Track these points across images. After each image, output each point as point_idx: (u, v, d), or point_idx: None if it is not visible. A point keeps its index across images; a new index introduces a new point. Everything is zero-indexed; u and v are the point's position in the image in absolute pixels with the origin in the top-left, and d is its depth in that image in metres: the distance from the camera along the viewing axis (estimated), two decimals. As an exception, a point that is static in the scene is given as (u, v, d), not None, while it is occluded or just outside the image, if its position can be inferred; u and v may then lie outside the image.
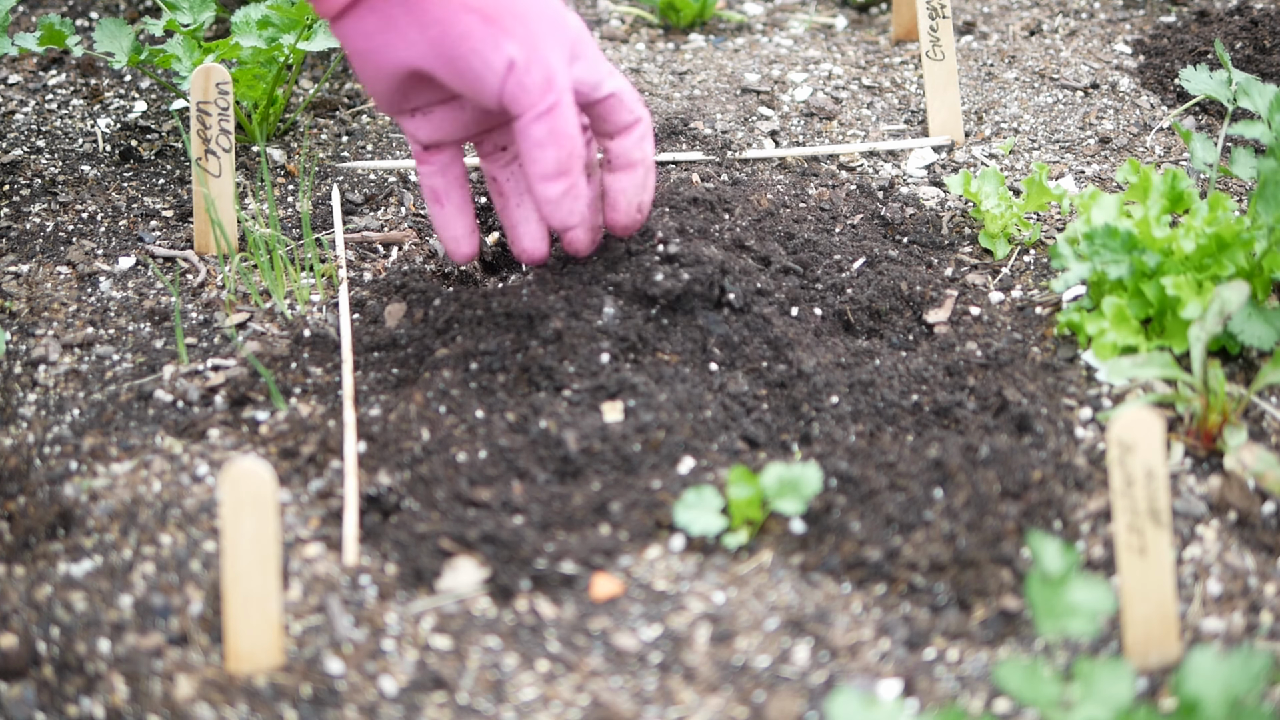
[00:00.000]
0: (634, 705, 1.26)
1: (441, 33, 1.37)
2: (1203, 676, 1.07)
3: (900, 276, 1.71)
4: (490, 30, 1.37)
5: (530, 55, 1.38)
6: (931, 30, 2.02)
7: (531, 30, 1.39)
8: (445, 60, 1.39)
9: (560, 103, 1.40)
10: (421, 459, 1.45)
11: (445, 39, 1.37)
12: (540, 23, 1.39)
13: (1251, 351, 1.62)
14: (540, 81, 1.39)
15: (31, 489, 1.46)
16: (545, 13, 1.41)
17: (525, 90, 1.39)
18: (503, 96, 1.40)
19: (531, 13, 1.39)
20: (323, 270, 1.78)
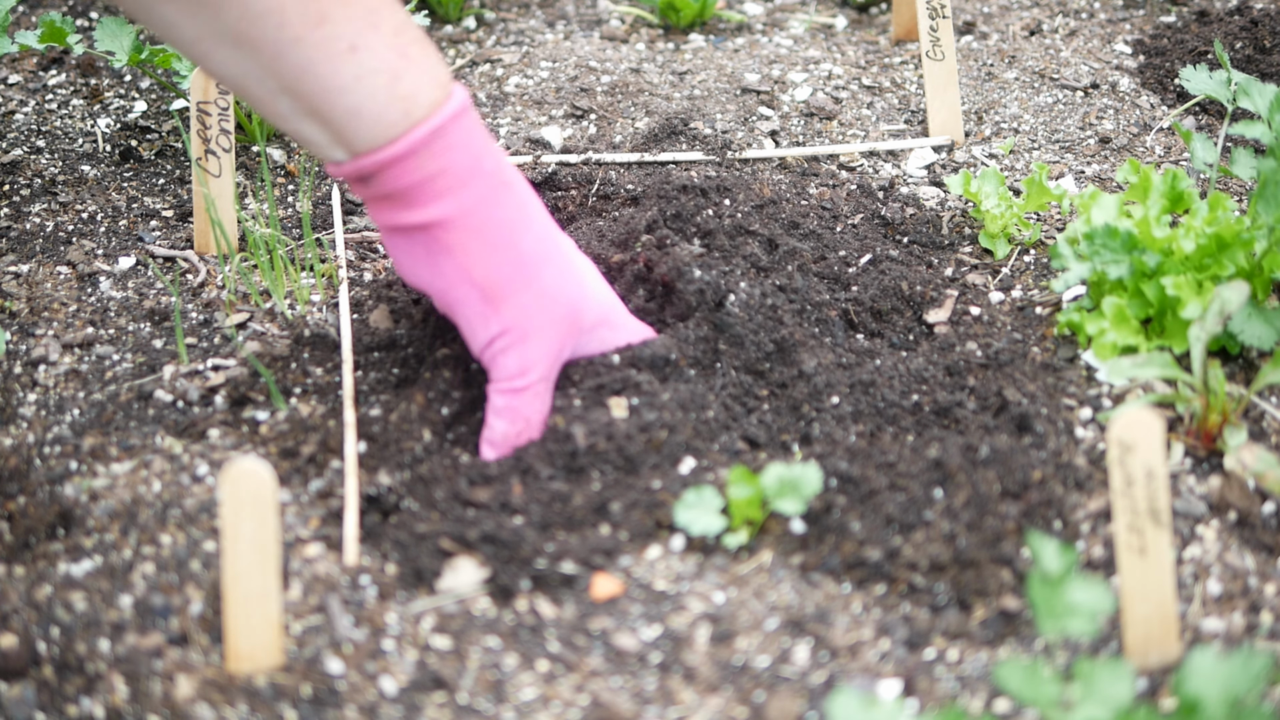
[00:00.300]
0: (634, 705, 1.26)
1: (447, 287, 1.45)
2: (1203, 676, 1.07)
3: (901, 276, 1.71)
4: (484, 308, 1.45)
5: (514, 340, 1.45)
6: (931, 30, 2.02)
7: (528, 320, 1.45)
8: (444, 304, 1.47)
9: (528, 387, 1.46)
10: (421, 459, 1.45)
11: (447, 295, 1.45)
12: (539, 315, 1.46)
13: (1251, 351, 1.62)
14: (515, 366, 1.46)
15: (31, 489, 1.46)
16: (549, 305, 1.46)
17: (498, 366, 1.46)
18: (481, 360, 1.48)
19: (535, 305, 1.45)
20: (323, 270, 1.78)
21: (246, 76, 1.36)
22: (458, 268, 1.43)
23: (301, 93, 1.35)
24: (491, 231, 1.43)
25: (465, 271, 1.43)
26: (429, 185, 1.40)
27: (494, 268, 1.43)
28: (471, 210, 1.42)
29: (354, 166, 1.40)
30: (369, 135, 1.38)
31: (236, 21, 1.31)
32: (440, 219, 1.41)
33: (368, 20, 1.35)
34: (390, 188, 1.41)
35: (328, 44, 1.33)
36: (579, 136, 2.10)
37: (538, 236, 1.46)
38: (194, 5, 1.31)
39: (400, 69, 1.36)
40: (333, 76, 1.34)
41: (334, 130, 1.38)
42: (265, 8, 1.31)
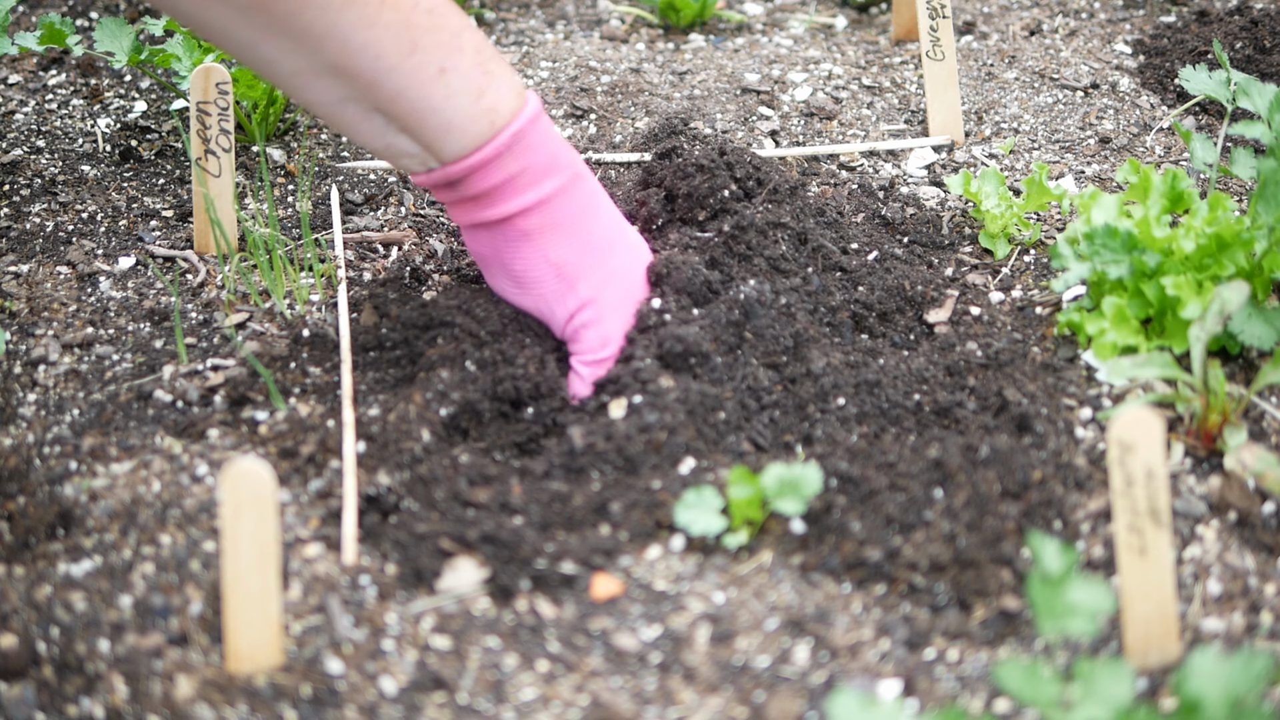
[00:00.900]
0: (634, 705, 1.26)
1: (524, 270, 1.58)
2: (1204, 677, 1.07)
3: (903, 276, 1.71)
4: (561, 285, 1.58)
5: (594, 314, 1.58)
6: (931, 30, 2.02)
7: (603, 296, 1.58)
8: (524, 292, 1.60)
9: (609, 359, 1.58)
10: (421, 459, 1.45)
11: (525, 277, 1.58)
12: (614, 291, 1.59)
13: (1251, 351, 1.62)
14: (596, 339, 1.58)
15: (31, 489, 1.46)
16: (623, 284, 1.60)
17: (579, 339, 1.59)
18: (565, 335, 1.61)
19: (608, 280, 1.59)
20: (322, 270, 1.78)
21: (344, 103, 1.48)
22: (535, 250, 1.56)
23: (395, 114, 1.48)
24: (566, 217, 1.56)
25: (543, 254, 1.56)
26: (511, 184, 1.53)
27: (568, 248, 1.56)
28: (548, 201, 1.55)
29: (443, 174, 1.53)
30: (458, 146, 1.51)
31: (335, 55, 1.44)
32: (521, 209, 1.54)
33: (453, 44, 1.48)
34: (477, 190, 1.54)
35: (419, 70, 1.46)
36: (579, 136, 2.10)
37: (606, 223, 1.59)
38: (295, 42, 1.42)
39: (484, 85, 1.50)
40: (425, 99, 1.47)
41: (425, 143, 1.51)
42: (363, 41, 1.43)
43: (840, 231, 1.77)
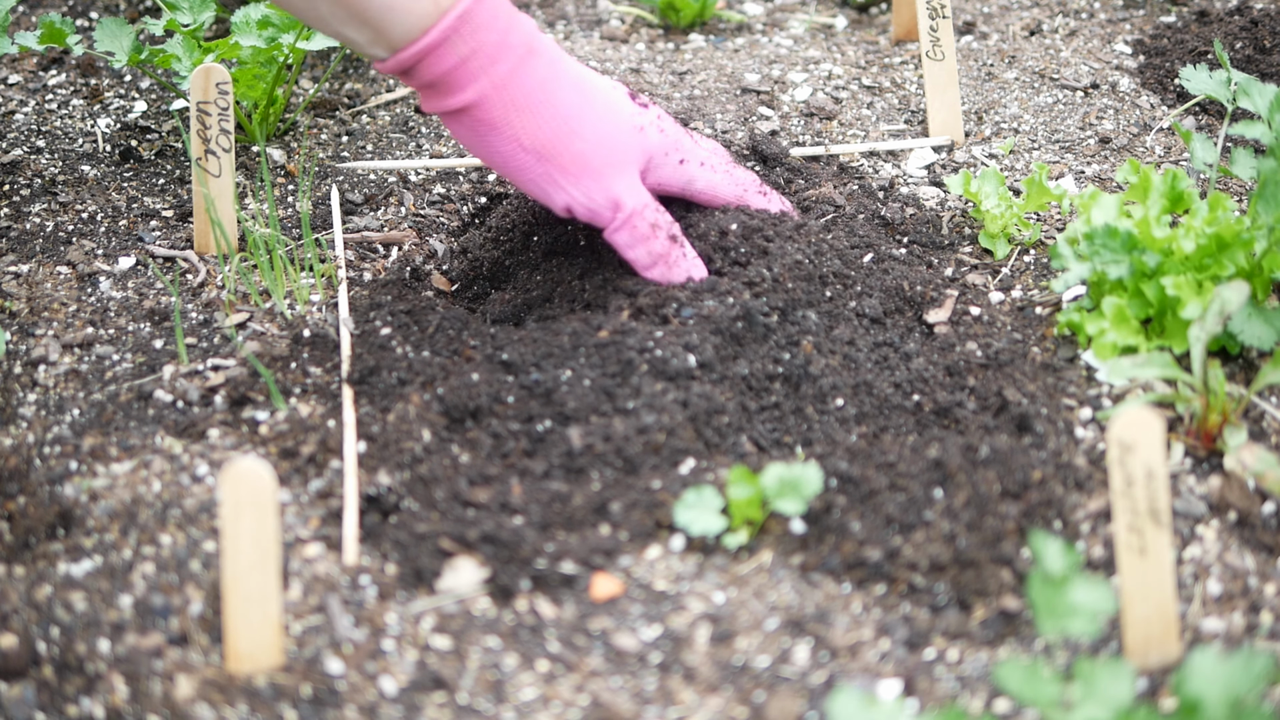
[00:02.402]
0: (634, 705, 1.26)
1: (504, 162, 1.56)
2: (1204, 677, 1.07)
3: (902, 276, 1.71)
4: (546, 168, 1.55)
5: (589, 186, 1.56)
6: (931, 30, 2.02)
7: (590, 165, 1.55)
8: (512, 180, 1.58)
9: (631, 215, 1.57)
10: (421, 459, 1.45)
11: (508, 168, 1.56)
12: (599, 155, 1.56)
13: (1251, 351, 1.62)
14: (605, 204, 1.57)
15: (31, 489, 1.46)
16: (606, 144, 1.57)
17: (594, 213, 1.57)
18: (574, 217, 1.59)
19: (590, 149, 1.55)
20: (322, 270, 1.78)
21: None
22: (506, 140, 1.54)
23: None
24: (525, 98, 1.53)
25: (515, 141, 1.54)
26: (462, 68, 1.51)
27: (538, 128, 1.53)
28: (504, 84, 1.52)
29: (395, 61, 1.51)
30: (404, 30, 1.49)
31: None
32: (477, 99, 1.52)
33: None
34: (430, 76, 1.52)
35: None
36: (579, 136, 2.10)
37: (571, 87, 1.55)
38: None
39: None
40: None
41: (373, 29, 1.50)
42: None
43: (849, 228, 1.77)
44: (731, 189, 1.68)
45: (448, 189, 1.97)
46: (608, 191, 1.56)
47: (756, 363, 1.55)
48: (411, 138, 2.11)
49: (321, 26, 1.53)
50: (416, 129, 2.13)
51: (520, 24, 1.53)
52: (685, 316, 1.56)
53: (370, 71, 2.30)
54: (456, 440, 1.49)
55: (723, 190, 1.67)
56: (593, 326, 1.55)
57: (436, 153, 2.07)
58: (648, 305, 1.58)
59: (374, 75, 2.29)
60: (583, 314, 1.61)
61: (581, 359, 1.52)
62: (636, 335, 1.53)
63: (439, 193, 1.96)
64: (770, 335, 1.57)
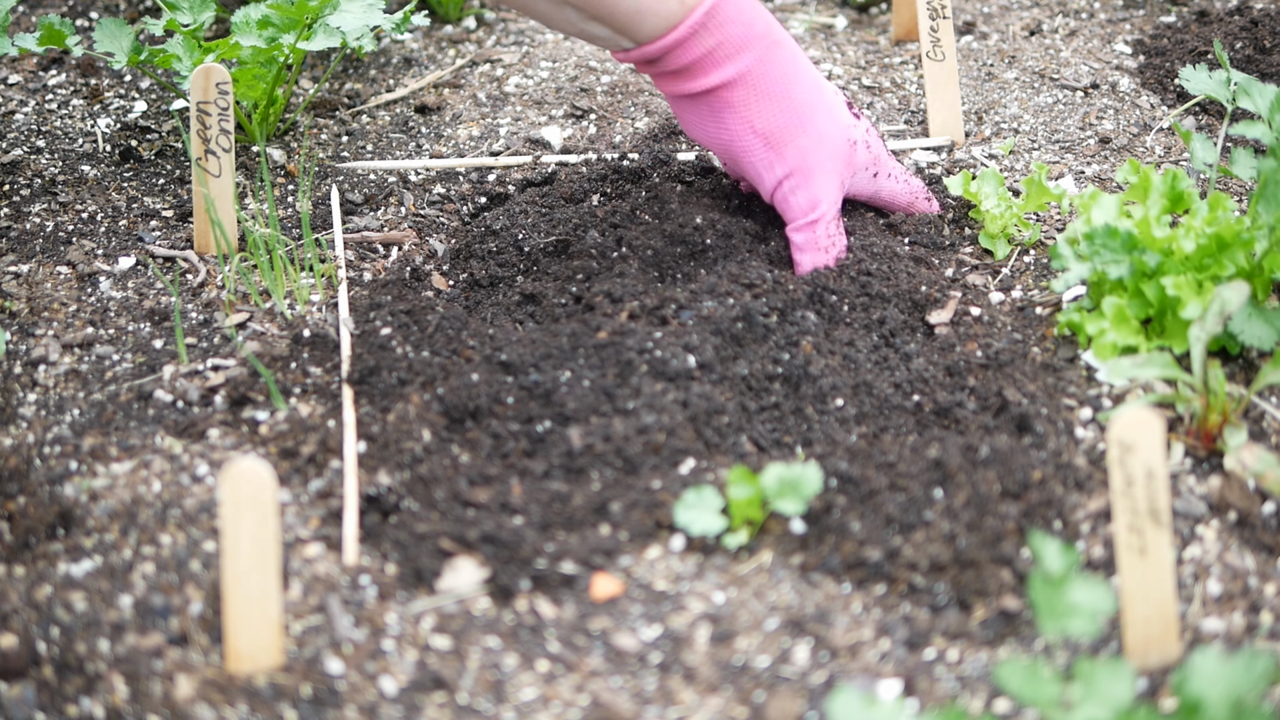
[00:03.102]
0: (634, 705, 1.26)
1: (730, 139, 1.65)
2: (1205, 677, 1.07)
3: (904, 276, 1.71)
4: (769, 153, 1.64)
5: (800, 180, 1.65)
6: (932, 30, 2.02)
7: (808, 159, 1.65)
8: (730, 157, 1.67)
9: (820, 219, 1.66)
10: (421, 459, 1.45)
11: (732, 146, 1.65)
12: (818, 153, 1.66)
13: (1251, 351, 1.62)
14: (805, 203, 1.66)
15: (31, 489, 1.46)
16: (826, 145, 1.66)
17: (790, 206, 1.67)
18: (773, 202, 1.68)
19: (812, 145, 1.65)
20: (322, 270, 1.78)
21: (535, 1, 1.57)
22: (740, 120, 1.63)
23: (589, 5, 1.55)
24: (767, 85, 1.62)
25: (748, 123, 1.63)
26: (709, 58, 1.59)
27: (772, 116, 1.63)
28: (749, 71, 1.61)
29: (640, 53, 1.60)
30: (651, 27, 1.57)
31: None
32: (722, 83, 1.61)
33: None
34: (675, 65, 1.60)
35: None
36: (579, 136, 2.10)
37: (808, 86, 1.65)
38: None
39: None
40: None
41: (618, 27, 1.57)
42: None
43: None
44: (906, 196, 1.80)
45: (448, 189, 1.97)
46: (812, 190, 1.65)
47: (756, 363, 1.55)
48: (411, 138, 2.11)
49: (564, 28, 1.60)
50: (416, 129, 2.13)
51: (761, 14, 1.62)
52: (684, 319, 1.56)
53: (370, 71, 2.30)
54: (456, 440, 1.49)
55: (900, 198, 1.80)
56: (591, 327, 1.55)
57: (436, 153, 2.07)
58: (648, 306, 1.58)
59: (374, 75, 2.29)
60: (582, 315, 1.61)
61: (580, 360, 1.52)
62: (636, 336, 1.53)
63: (439, 193, 1.96)
64: (770, 336, 1.57)
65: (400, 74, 2.29)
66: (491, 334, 1.61)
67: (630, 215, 1.74)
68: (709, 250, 1.69)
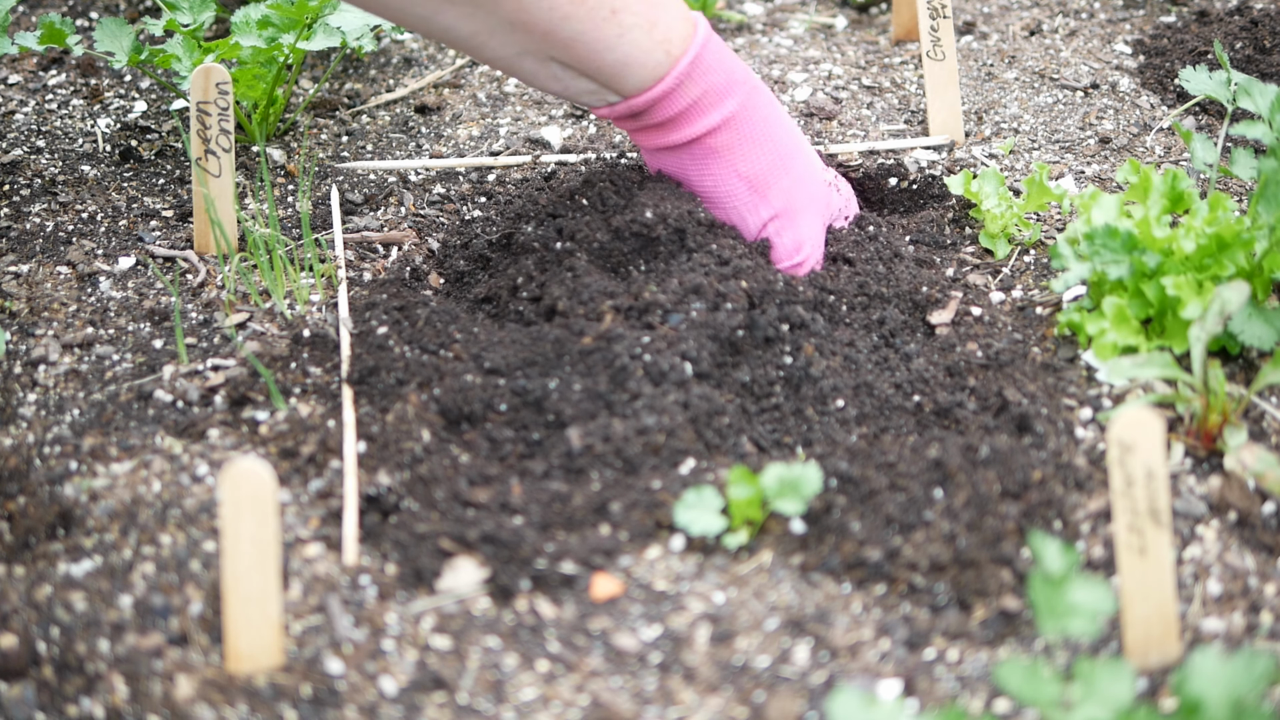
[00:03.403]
0: (634, 705, 1.26)
1: (714, 186, 1.64)
2: (1205, 677, 1.07)
3: (904, 276, 1.71)
4: (753, 197, 1.64)
5: (785, 222, 1.66)
6: (932, 30, 2.02)
7: (791, 202, 1.66)
8: (711, 204, 1.66)
9: (805, 261, 1.67)
10: (421, 459, 1.45)
11: (715, 192, 1.65)
12: (801, 195, 1.66)
13: (1251, 351, 1.62)
14: (790, 244, 1.66)
15: (31, 489, 1.46)
16: (807, 189, 1.67)
17: (774, 248, 1.66)
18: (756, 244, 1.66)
19: (795, 187, 1.66)
20: (322, 270, 1.78)
21: (521, 57, 1.56)
22: (725, 166, 1.63)
23: (572, 58, 1.55)
24: (750, 130, 1.63)
25: (732, 168, 1.63)
26: (695, 107, 1.60)
27: (756, 160, 1.63)
28: (733, 117, 1.61)
29: (626, 107, 1.60)
30: (637, 80, 1.57)
31: (511, 12, 1.51)
32: (708, 130, 1.61)
33: None
34: (660, 118, 1.60)
35: (592, 14, 1.53)
36: (579, 136, 2.10)
37: (787, 129, 1.66)
38: (472, 6, 1.50)
39: (655, 17, 1.56)
40: (600, 41, 1.54)
41: (603, 81, 1.57)
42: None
43: None
44: None
45: (448, 189, 1.97)
46: (797, 232, 1.66)
47: (759, 369, 1.55)
48: (411, 138, 2.11)
49: (549, 84, 1.59)
50: (416, 129, 2.13)
51: (737, 60, 1.63)
52: (674, 322, 1.55)
53: (370, 71, 2.30)
54: (456, 440, 1.49)
55: None
56: (574, 332, 1.54)
57: (436, 153, 2.07)
58: (631, 307, 1.57)
59: (374, 75, 2.29)
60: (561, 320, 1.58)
61: (567, 367, 1.52)
62: (624, 341, 1.52)
63: (439, 193, 1.96)
64: (773, 343, 1.57)
65: (400, 74, 2.29)
66: (475, 332, 1.60)
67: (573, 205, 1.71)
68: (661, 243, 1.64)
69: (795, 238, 1.66)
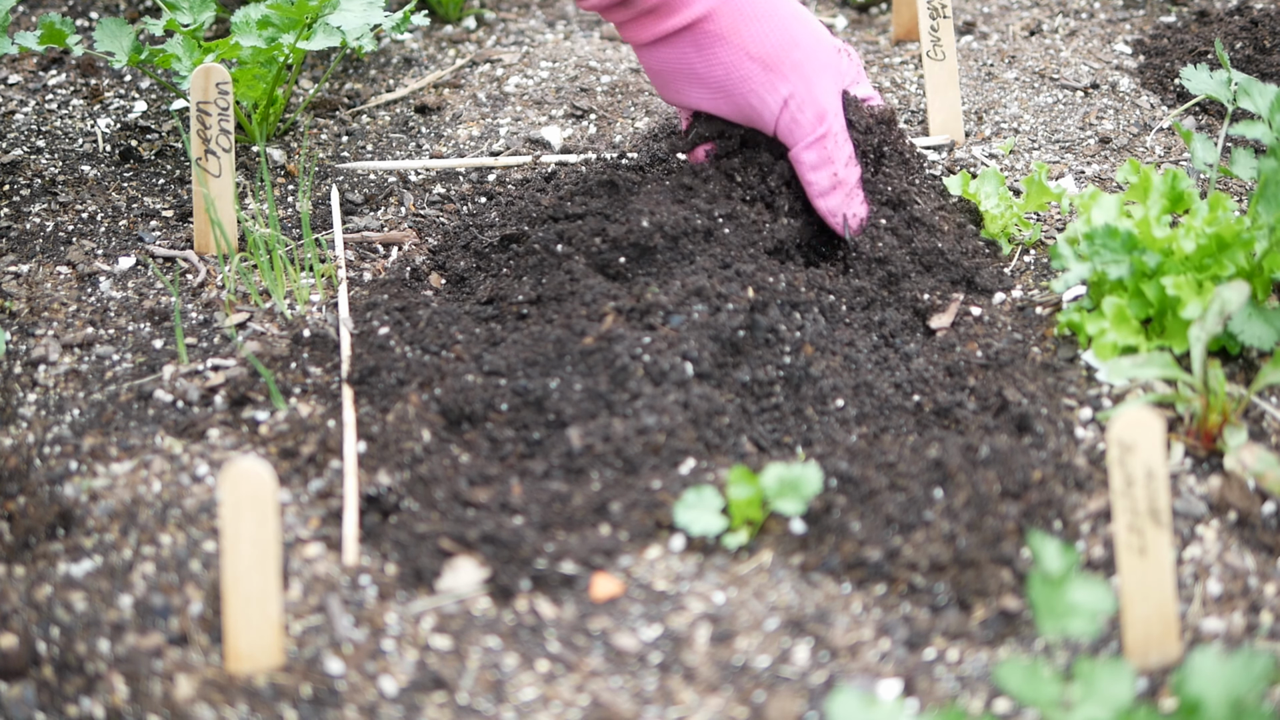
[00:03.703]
0: (634, 705, 1.26)
1: (725, 74, 1.58)
2: (1205, 677, 1.07)
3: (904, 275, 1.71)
4: (769, 76, 1.58)
5: (804, 96, 1.60)
6: (932, 30, 2.02)
7: (805, 74, 1.60)
8: (726, 97, 1.60)
9: (829, 132, 1.61)
10: (421, 459, 1.45)
11: (729, 80, 1.58)
12: (813, 65, 1.60)
13: (1251, 351, 1.62)
14: (812, 117, 1.60)
15: (31, 489, 1.46)
16: (818, 56, 1.62)
17: (798, 124, 1.60)
18: (778, 130, 1.61)
19: (806, 59, 1.60)
20: (322, 270, 1.78)
21: None
22: (733, 50, 1.57)
23: None
24: (753, 6, 1.56)
25: (742, 50, 1.57)
26: None
27: (764, 37, 1.57)
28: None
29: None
30: None
31: None
32: (708, 11, 1.54)
33: None
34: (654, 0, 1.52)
35: None
36: (579, 136, 2.10)
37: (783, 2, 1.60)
38: None
39: None
40: None
41: None
42: None
43: None
44: None
45: (448, 189, 1.97)
46: (818, 102, 1.60)
47: (759, 369, 1.55)
48: (411, 138, 2.11)
49: None
50: (416, 129, 2.13)
51: None
52: (676, 324, 1.55)
53: (370, 71, 2.30)
54: (456, 440, 1.49)
55: None
56: (575, 332, 1.54)
57: (436, 153, 2.07)
58: (631, 309, 1.57)
59: (374, 75, 2.29)
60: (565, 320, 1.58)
61: (568, 367, 1.52)
62: (625, 341, 1.52)
63: (439, 193, 1.96)
64: (773, 343, 1.57)
65: (400, 74, 2.29)
66: (477, 332, 1.60)
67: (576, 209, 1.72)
68: None
69: (816, 110, 1.61)
